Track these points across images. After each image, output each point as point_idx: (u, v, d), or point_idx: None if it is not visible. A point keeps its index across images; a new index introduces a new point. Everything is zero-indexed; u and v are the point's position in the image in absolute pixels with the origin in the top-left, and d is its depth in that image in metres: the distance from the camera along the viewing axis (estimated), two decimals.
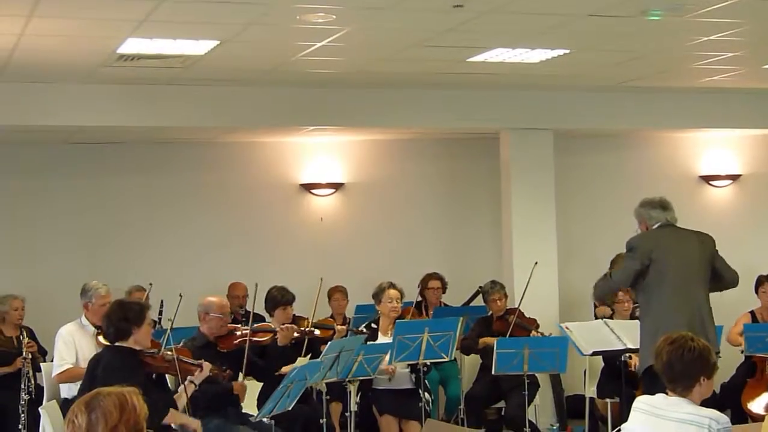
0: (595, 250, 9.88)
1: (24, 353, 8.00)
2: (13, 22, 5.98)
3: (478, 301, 9.10)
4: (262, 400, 6.72)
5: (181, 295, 6.47)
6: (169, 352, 5.93)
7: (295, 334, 7.16)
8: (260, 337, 7.04)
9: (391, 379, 7.41)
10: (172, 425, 5.80)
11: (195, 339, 6.66)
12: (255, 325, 7.25)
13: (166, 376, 6.25)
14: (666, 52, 7.59)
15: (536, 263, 8.47)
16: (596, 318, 8.59)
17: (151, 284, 6.39)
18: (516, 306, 8.41)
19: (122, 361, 5.64)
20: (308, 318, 7.53)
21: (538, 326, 8.40)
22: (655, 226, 6.62)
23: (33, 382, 7.95)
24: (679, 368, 4.15)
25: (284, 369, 6.87)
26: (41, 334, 8.45)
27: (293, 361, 7.04)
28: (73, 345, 6.82)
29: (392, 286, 7.71)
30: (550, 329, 8.40)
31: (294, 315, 7.59)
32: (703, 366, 4.17)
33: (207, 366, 6.06)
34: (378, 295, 7.72)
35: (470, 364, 8.61)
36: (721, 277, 6.63)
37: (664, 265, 6.45)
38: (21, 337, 8.20)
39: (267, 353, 7.02)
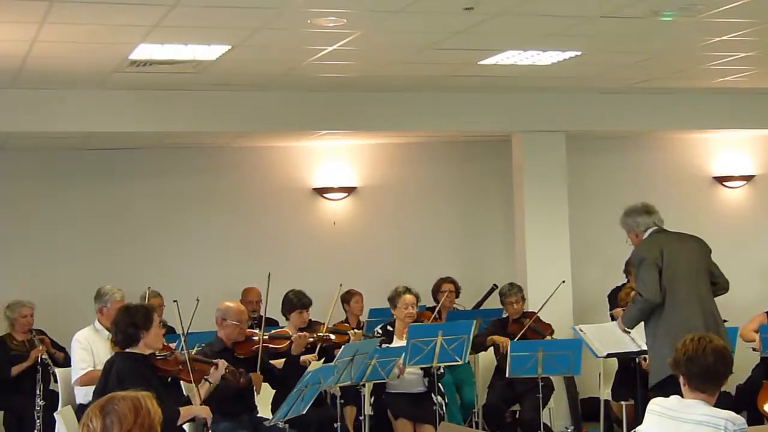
0: (609, 252, 9.85)
1: (38, 346, 8.09)
2: (26, 29, 6.00)
3: (493, 304, 9.09)
4: (276, 406, 6.72)
5: (198, 300, 6.49)
6: (181, 354, 5.93)
7: (310, 339, 7.16)
8: (277, 344, 7.05)
9: (400, 376, 7.36)
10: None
11: (212, 344, 6.68)
12: (272, 331, 7.25)
13: (181, 382, 6.26)
14: (678, 52, 7.57)
15: (563, 282, 8.51)
16: (612, 319, 8.56)
17: (176, 301, 6.38)
18: (535, 311, 8.40)
19: (133, 369, 5.61)
20: (324, 323, 7.51)
21: (552, 332, 8.40)
22: (647, 232, 6.61)
23: (50, 370, 7.98)
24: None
25: (303, 358, 6.95)
26: (56, 339, 8.49)
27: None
28: (90, 349, 6.85)
29: (408, 290, 7.64)
30: (564, 332, 8.39)
31: (310, 320, 7.59)
32: (728, 367, 4.19)
33: (222, 363, 6.06)
34: (394, 299, 7.68)
35: (485, 367, 8.59)
36: (715, 283, 6.62)
37: (673, 271, 6.43)
38: (32, 339, 8.26)
39: (285, 363, 6.99)
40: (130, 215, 9.83)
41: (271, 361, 6.89)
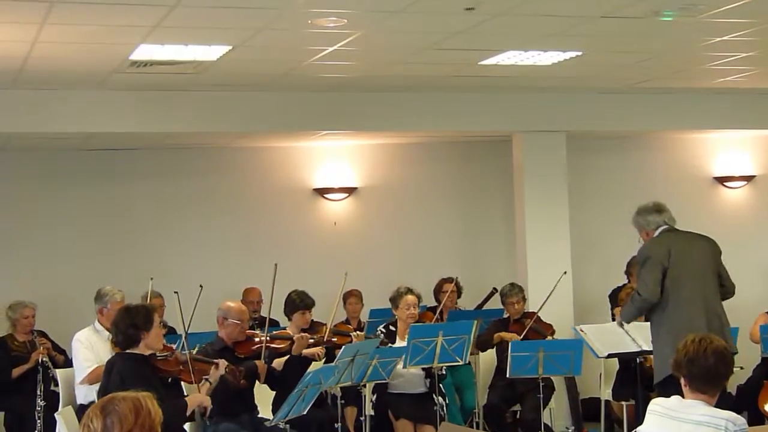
0: (609, 252, 9.87)
1: (39, 347, 8.08)
2: (26, 30, 6.01)
3: (493, 304, 9.08)
4: (276, 407, 6.72)
5: (201, 287, 6.55)
6: (182, 354, 5.93)
7: (311, 340, 7.16)
8: (278, 344, 7.04)
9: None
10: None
11: (213, 343, 6.69)
12: (273, 332, 7.24)
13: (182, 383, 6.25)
14: (679, 52, 7.57)
15: (565, 273, 8.52)
16: (613, 320, 8.56)
17: (176, 292, 6.38)
18: (535, 311, 8.39)
19: (133, 369, 5.61)
20: (326, 324, 7.49)
21: (554, 332, 8.39)
22: (657, 231, 6.62)
23: (50, 374, 7.97)
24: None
25: (311, 351, 6.96)
26: (56, 338, 8.49)
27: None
28: (91, 348, 6.86)
29: (410, 291, 7.64)
30: (565, 332, 8.38)
31: (312, 320, 7.58)
32: (729, 368, 4.19)
33: (223, 363, 6.06)
34: (395, 300, 7.68)
35: (485, 369, 8.58)
36: (722, 285, 6.62)
37: (679, 271, 6.42)
38: (34, 340, 8.27)
39: (287, 363, 6.98)
40: (131, 216, 9.83)
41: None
